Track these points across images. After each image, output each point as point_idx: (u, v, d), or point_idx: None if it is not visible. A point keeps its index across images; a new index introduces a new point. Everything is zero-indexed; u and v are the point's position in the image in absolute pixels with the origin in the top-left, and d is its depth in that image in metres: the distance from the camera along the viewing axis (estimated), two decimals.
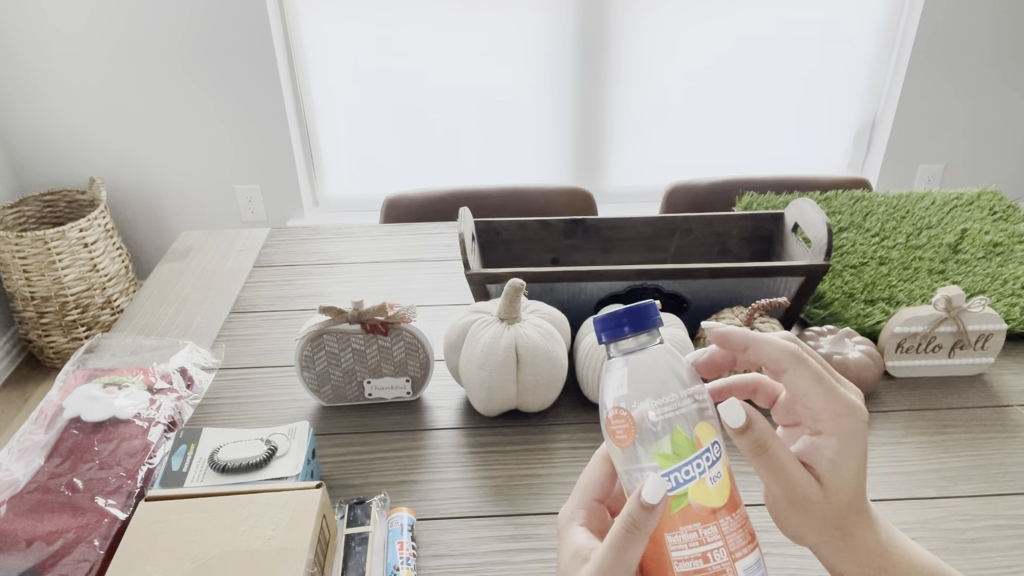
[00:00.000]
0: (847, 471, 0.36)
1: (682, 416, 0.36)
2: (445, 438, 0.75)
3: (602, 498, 0.39)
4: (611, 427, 0.37)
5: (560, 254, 0.95)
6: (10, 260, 1.95)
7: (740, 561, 0.35)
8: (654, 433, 0.36)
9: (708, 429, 0.36)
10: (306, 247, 1.14)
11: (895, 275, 0.95)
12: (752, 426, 0.35)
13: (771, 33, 2.15)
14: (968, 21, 2.11)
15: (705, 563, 0.35)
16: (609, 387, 0.37)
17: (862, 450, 0.36)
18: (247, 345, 0.90)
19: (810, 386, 0.36)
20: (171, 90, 2.09)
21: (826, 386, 0.36)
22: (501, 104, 2.22)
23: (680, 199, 1.44)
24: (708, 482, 0.35)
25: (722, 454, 0.36)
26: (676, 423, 0.35)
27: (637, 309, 0.38)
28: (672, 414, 0.36)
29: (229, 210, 2.30)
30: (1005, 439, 0.74)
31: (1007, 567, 0.60)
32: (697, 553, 0.35)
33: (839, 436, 0.36)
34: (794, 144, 2.34)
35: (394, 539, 0.61)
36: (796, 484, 0.36)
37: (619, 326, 0.37)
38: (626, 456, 0.37)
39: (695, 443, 0.35)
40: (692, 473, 0.35)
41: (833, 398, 0.36)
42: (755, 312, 0.76)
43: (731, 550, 0.35)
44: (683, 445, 0.35)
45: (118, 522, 0.60)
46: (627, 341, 0.38)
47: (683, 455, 0.35)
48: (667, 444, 0.35)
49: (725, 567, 0.35)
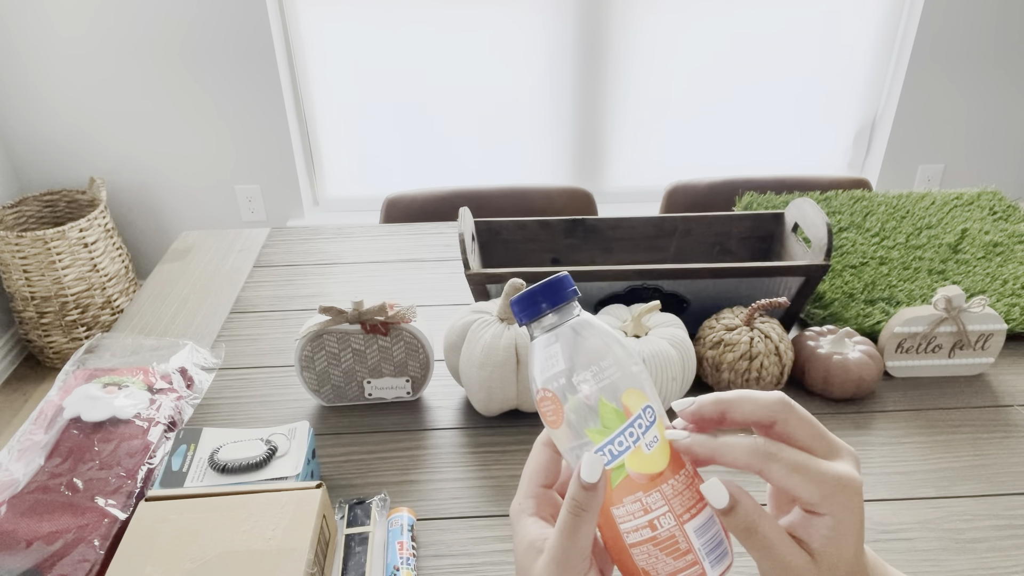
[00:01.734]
0: (844, 547, 0.34)
1: (605, 387, 0.35)
2: (445, 438, 0.75)
3: (548, 484, 0.39)
4: (541, 410, 0.36)
5: (560, 254, 0.95)
6: (10, 260, 1.95)
7: (689, 523, 0.34)
8: (581, 409, 0.35)
9: (637, 395, 0.35)
10: (306, 247, 1.14)
11: (895, 275, 0.95)
12: (737, 507, 0.33)
13: (771, 33, 2.15)
14: (968, 21, 2.11)
15: (653, 531, 0.34)
16: (533, 369, 0.37)
17: (859, 521, 0.34)
18: (247, 345, 0.90)
19: (788, 480, 0.34)
20: (171, 90, 2.09)
21: (807, 472, 0.34)
22: (501, 104, 2.22)
23: (680, 199, 1.44)
24: (644, 449, 0.34)
25: (656, 418, 0.35)
26: (600, 395, 0.34)
27: (550, 284, 0.36)
28: (595, 386, 0.35)
29: (229, 210, 2.30)
30: (1005, 439, 0.74)
31: (1007, 567, 0.60)
32: (644, 522, 0.34)
33: (834, 514, 0.34)
34: (794, 144, 2.34)
35: (394, 539, 0.61)
36: (788, 564, 0.34)
37: (535, 304, 0.36)
38: (561, 436, 0.36)
39: (624, 412, 0.34)
40: (626, 443, 0.34)
41: (820, 482, 0.33)
42: (755, 312, 0.76)
43: (678, 513, 0.34)
44: (611, 417, 0.34)
45: (118, 522, 0.60)
46: (545, 318, 0.37)
47: (613, 427, 0.34)
48: (596, 418, 0.34)
49: (674, 531, 0.34)
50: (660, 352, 0.71)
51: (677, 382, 0.73)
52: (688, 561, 0.34)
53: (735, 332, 0.77)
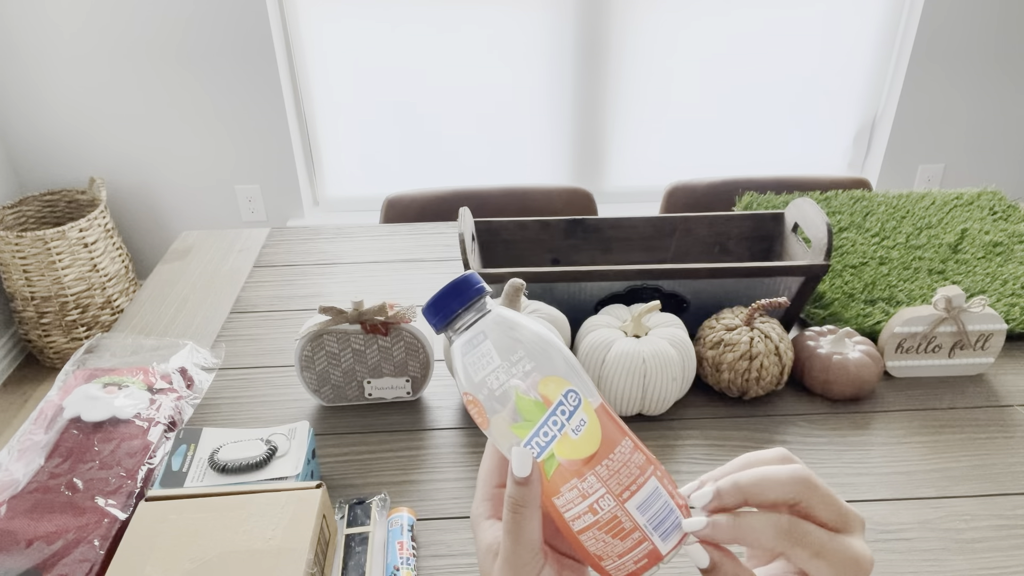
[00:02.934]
0: None
1: (519, 381, 0.34)
2: (445, 438, 0.75)
3: (502, 483, 0.38)
4: (470, 413, 0.36)
5: (560, 254, 0.95)
6: (10, 260, 1.95)
7: (630, 500, 0.33)
8: (500, 407, 0.34)
9: (556, 382, 0.34)
10: (306, 247, 1.14)
11: (895, 275, 0.95)
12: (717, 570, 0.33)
13: (771, 33, 2.15)
14: (968, 21, 2.11)
15: (595, 515, 0.34)
16: (456, 375, 0.36)
17: None
18: (247, 345, 0.90)
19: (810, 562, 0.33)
20: (171, 90, 2.09)
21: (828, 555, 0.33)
22: (501, 104, 2.22)
23: (680, 199, 1.44)
24: (571, 435, 0.34)
25: (581, 400, 0.34)
26: (514, 390, 0.34)
27: (454, 285, 0.36)
28: (507, 382, 0.34)
29: (229, 210, 2.30)
30: (1005, 439, 0.74)
31: (1007, 567, 0.60)
32: (585, 508, 0.34)
33: None
34: (794, 144, 2.34)
35: (394, 539, 0.61)
36: None
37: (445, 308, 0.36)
38: (494, 436, 0.36)
39: (543, 402, 0.34)
40: (551, 432, 0.34)
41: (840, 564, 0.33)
42: (755, 312, 0.76)
43: (616, 492, 0.33)
44: (531, 409, 0.34)
45: (118, 522, 0.60)
46: (456, 321, 0.36)
47: (535, 419, 0.34)
48: (516, 414, 0.34)
49: (615, 512, 0.33)
50: (660, 352, 0.71)
51: (677, 382, 0.73)
52: (635, 539, 0.33)
53: (735, 332, 0.77)
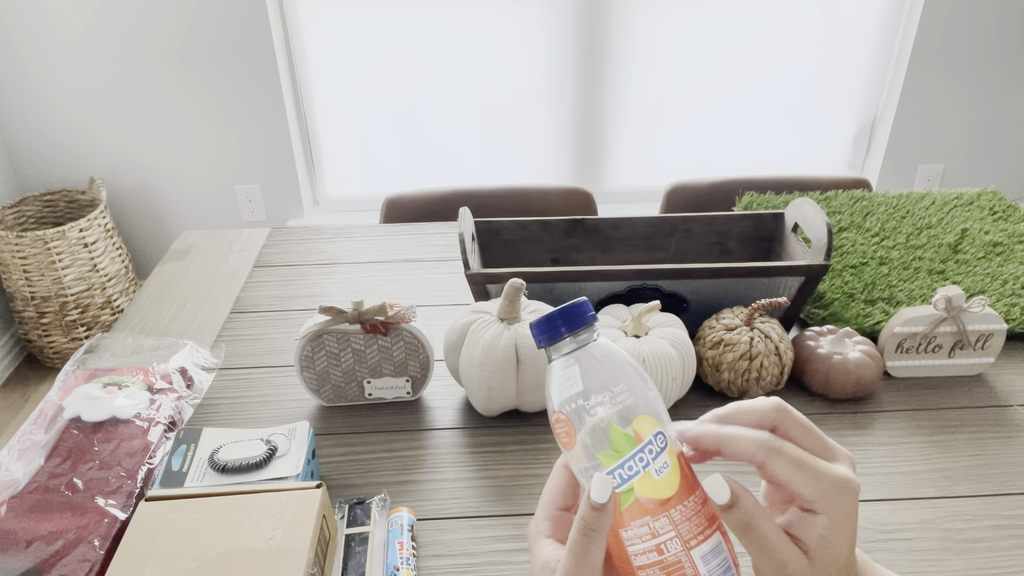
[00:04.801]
0: (839, 548, 0.35)
1: (618, 412, 0.35)
2: (445, 438, 0.75)
3: (567, 506, 0.39)
4: (555, 431, 0.37)
5: (560, 254, 0.95)
6: (10, 260, 1.95)
7: (696, 549, 0.35)
8: (592, 433, 0.36)
9: (649, 421, 0.36)
10: (306, 247, 1.14)
11: (895, 275, 0.95)
12: (738, 503, 0.34)
13: (771, 33, 2.15)
14: (968, 21, 2.11)
15: (660, 555, 0.35)
16: (549, 392, 0.38)
17: (854, 522, 0.35)
18: (247, 345, 0.90)
19: (790, 474, 0.35)
20: (171, 90, 2.09)
21: (808, 471, 0.35)
22: (501, 104, 2.22)
23: (680, 199, 1.44)
24: (654, 474, 0.35)
25: (667, 443, 0.36)
26: (612, 420, 0.35)
27: (569, 309, 0.37)
28: (607, 412, 0.35)
29: (229, 210, 2.30)
30: (1005, 439, 0.74)
31: (1007, 567, 0.60)
32: (651, 546, 0.35)
33: (830, 514, 0.35)
34: (794, 144, 2.34)
35: (394, 539, 0.61)
36: (784, 562, 0.35)
37: (554, 328, 0.37)
38: (574, 458, 0.37)
39: (635, 437, 0.35)
40: (635, 468, 0.35)
41: (819, 479, 0.35)
42: (755, 312, 0.76)
43: (685, 539, 0.35)
44: (622, 441, 0.35)
45: (118, 522, 0.60)
46: (563, 341, 0.37)
47: (623, 451, 0.35)
48: (606, 442, 0.35)
49: (680, 557, 0.34)
50: (660, 352, 0.71)
51: (677, 382, 0.73)
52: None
53: (735, 332, 0.77)
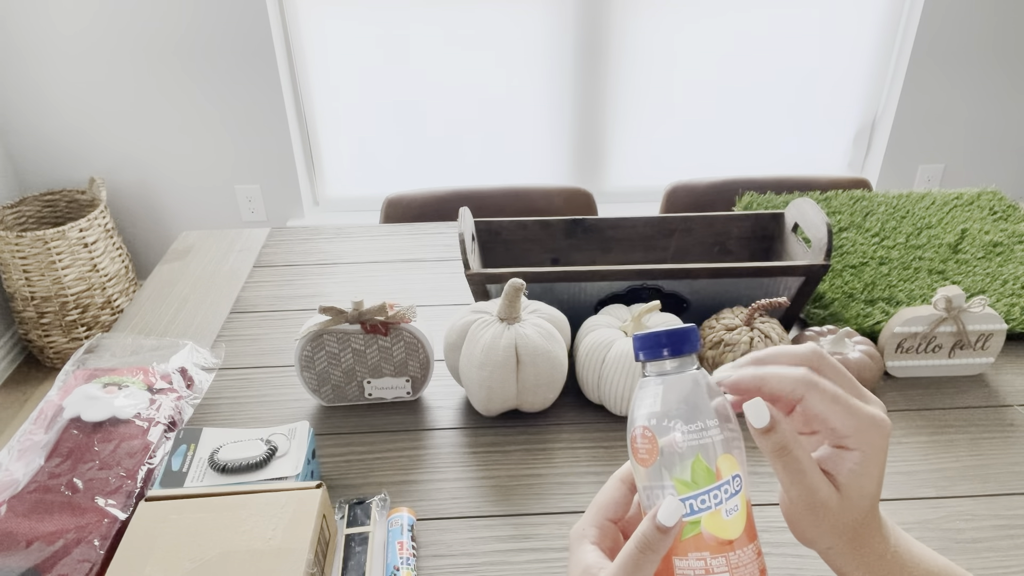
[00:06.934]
0: (868, 483, 0.37)
1: (705, 446, 0.36)
2: (445, 438, 0.75)
3: (616, 519, 0.40)
4: (635, 445, 0.37)
5: (560, 254, 0.95)
6: (10, 260, 1.95)
7: None
8: (675, 458, 0.36)
9: (731, 462, 0.36)
10: (306, 247, 1.14)
11: (895, 275, 0.95)
12: (776, 427, 0.36)
13: (771, 33, 2.15)
14: (968, 21, 2.11)
15: None
16: (639, 406, 0.38)
17: (883, 460, 0.37)
18: (247, 345, 0.90)
19: (827, 408, 0.36)
20: (171, 90, 2.09)
21: (844, 405, 0.36)
22: (501, 104, 2.22)
23: (680, 199, 1.44)
24: (723, 514, 0.35)
25: (742, 488, 0.36)
26: (698, 451, 0.36)
27: (679, 332, 0.38)
28: (696, 442, 0.36)
29: (229, 210, 2.30)
30: (1005, 439, 0.74)
31: (1007, 567, 0.60)
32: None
33: (862, 450, 0.36)
34: (794, 144, 2.34)
35: (394, 539, 0.61)
36: (814, 489, 0.36)
37: (658, 347, 0.38)
38: (645, 475, 0.37)
39: (715, 474, 0.36)
40: (708, 503, 0.35)
41: (853, 415, 0.36)
42: (755, 312, 0.76)
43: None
44: (702, 474, 0.36)
45: (118, 522, 0.60)
46: (664, 363, 0.38)
47: (701, 484, 0.36)
48: (687, 471, 0.36)
49: None
50: None
51: None
52: None
53: (735, 332, 0.77)
